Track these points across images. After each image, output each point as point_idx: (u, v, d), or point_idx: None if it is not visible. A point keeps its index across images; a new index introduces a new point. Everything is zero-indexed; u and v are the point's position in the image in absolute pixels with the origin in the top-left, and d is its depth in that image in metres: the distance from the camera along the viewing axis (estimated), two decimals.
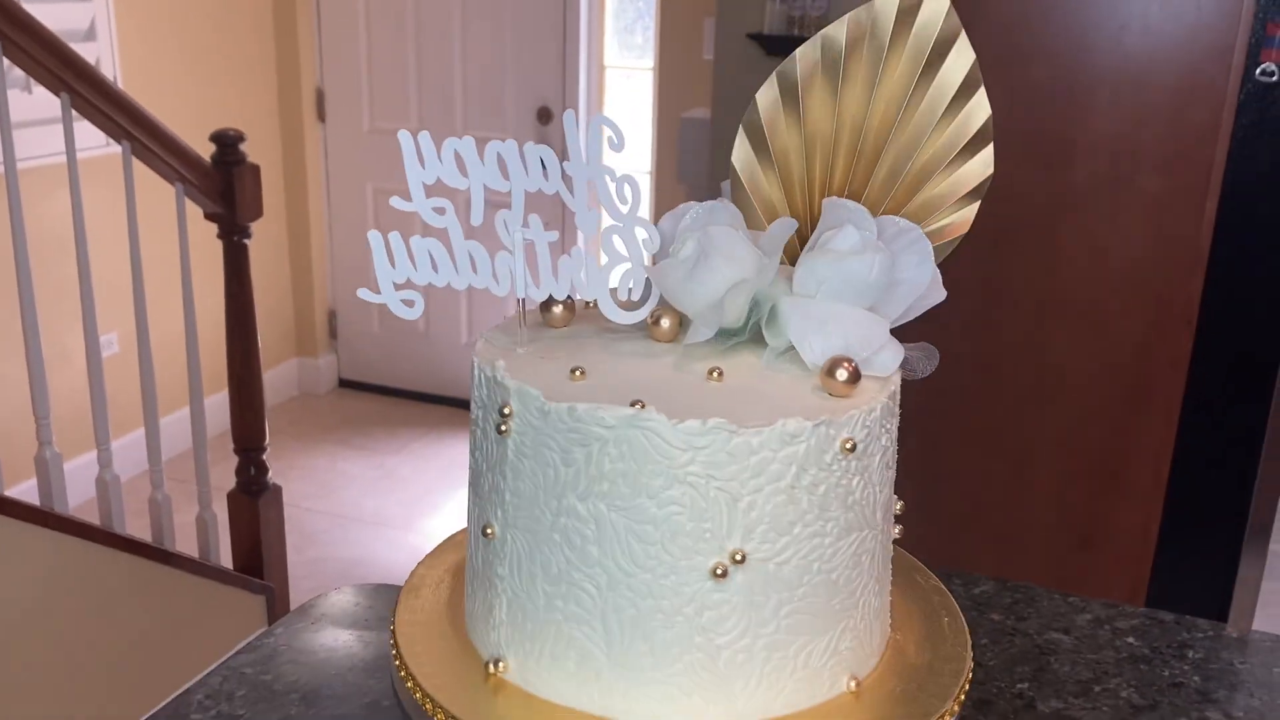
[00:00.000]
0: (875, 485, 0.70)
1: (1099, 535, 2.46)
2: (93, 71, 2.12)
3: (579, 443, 0.62)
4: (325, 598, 1.10)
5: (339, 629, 1.07)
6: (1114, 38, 2.18)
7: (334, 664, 1.01)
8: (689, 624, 0.63)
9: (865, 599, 0.71)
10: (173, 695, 0.83)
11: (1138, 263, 2.28)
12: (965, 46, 0.83)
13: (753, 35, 2.24)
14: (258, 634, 0.93)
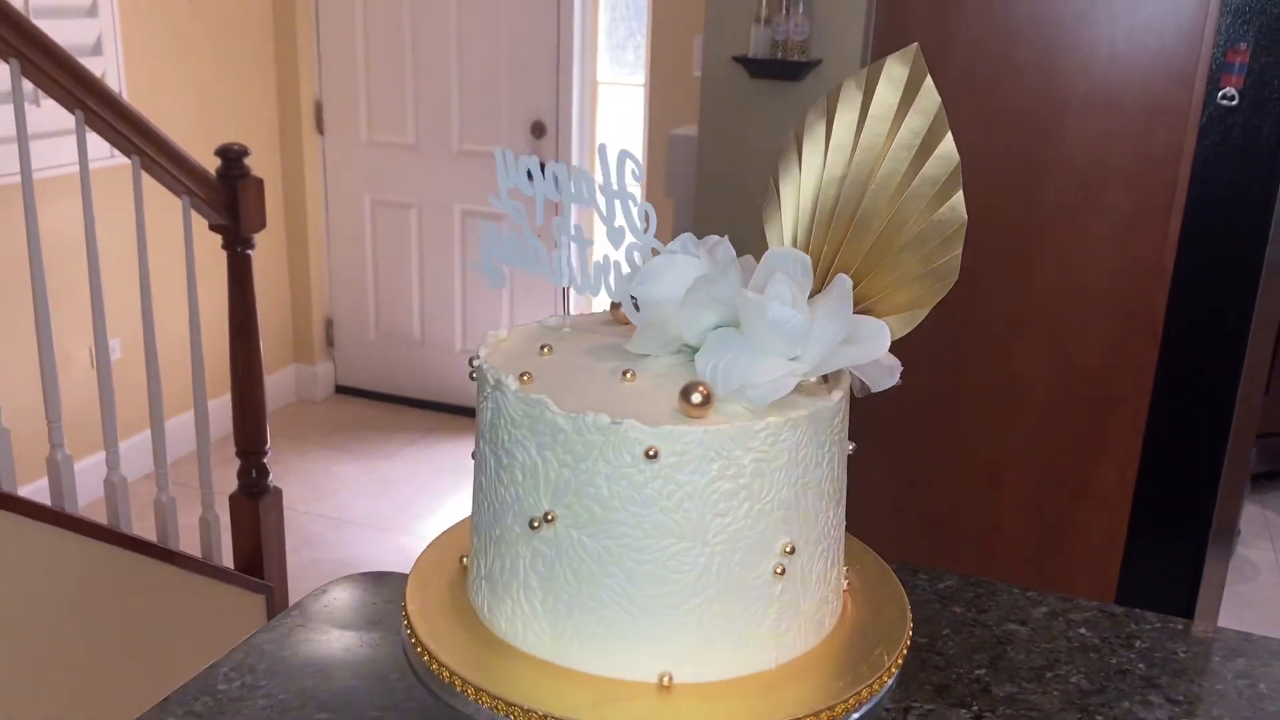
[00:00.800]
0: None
1: (1070, 539, 2.56)
2: (105, 89, 2.21)
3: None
4: (335, 584, 1.20)
5: (349, 613, 1.16)
6: (1081, 64, 2.29)
7: (346, 640, 1.11)
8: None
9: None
10: (203, 668, 0.92)
11: (1105, 277, 2.38)
12: (951, 145, 0.85)
13: (738, 58, 2.34)
14: (277, 616, 1.02)
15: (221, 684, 0.95)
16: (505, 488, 0.72)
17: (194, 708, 0.98)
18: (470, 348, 4.36)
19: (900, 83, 0.84)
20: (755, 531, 0.71)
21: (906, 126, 0.84)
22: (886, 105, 0.85)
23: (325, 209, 4.39)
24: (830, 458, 0.80)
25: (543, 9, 3.90)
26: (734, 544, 0.70)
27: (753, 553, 0.71)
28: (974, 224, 2.63)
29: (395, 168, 4.24)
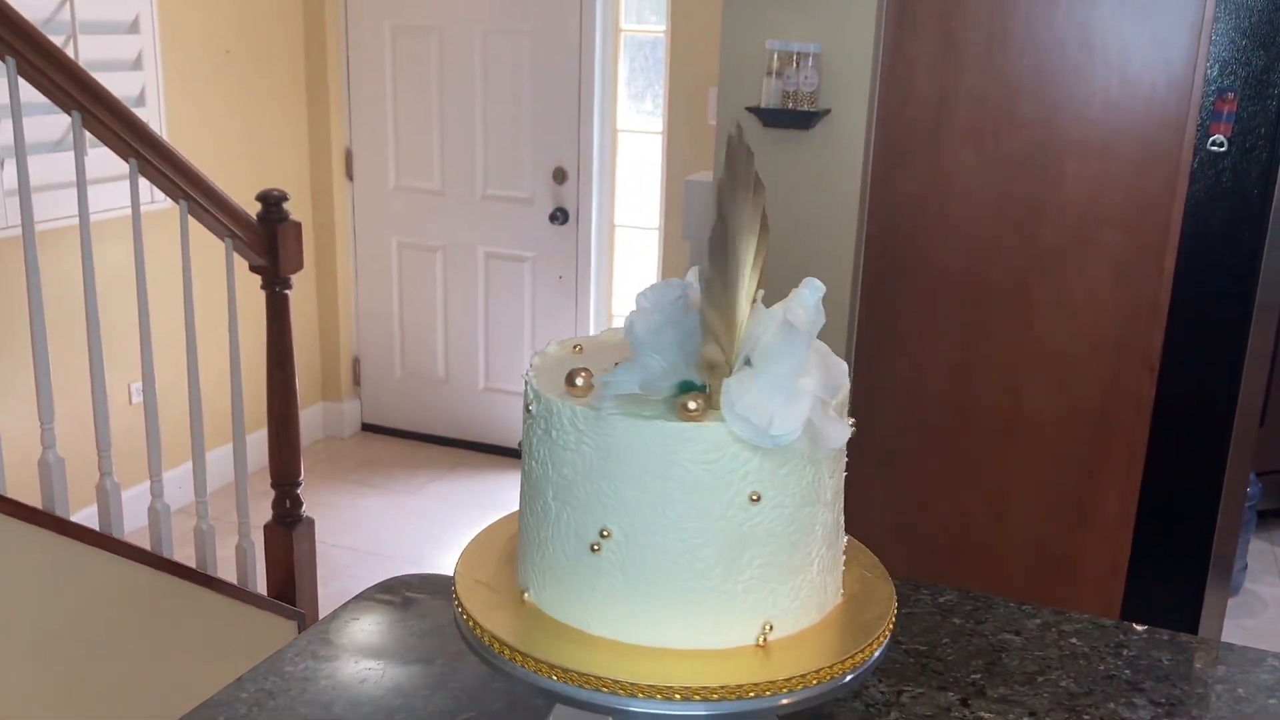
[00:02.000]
0: None
1: (1072, 569, 2.64)
2: (157, 139, 2.36)
3: None
4: (378, 587, 1.31)
5: (396, 609, 1.27)
6: (1078, 112, 2.41)
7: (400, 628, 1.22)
8: None
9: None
10: (273, 651, 1.03)
11: (1103, 314, 2.49)
12: None
13: (751, 108, 2.47)
14: (333, 610, 1.13)
15: (289, 665, 1.06)
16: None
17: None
18: (493, 385, 4.48)
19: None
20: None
21: None
22: None
23: (354, 252, 4.54)
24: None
25: (565, 60, 4.06)
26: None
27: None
28: (978, 265, 2.79)
29: (422, 212, 4.39)
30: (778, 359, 0.79)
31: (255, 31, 4.03)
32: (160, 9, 3.58)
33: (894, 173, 2.54)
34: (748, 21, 2.48)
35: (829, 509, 0.86)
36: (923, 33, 2.46)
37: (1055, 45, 2.39)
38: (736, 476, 0.79)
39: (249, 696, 1.11)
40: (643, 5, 4.15)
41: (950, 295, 2.58)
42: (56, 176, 3.17)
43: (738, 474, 0.79)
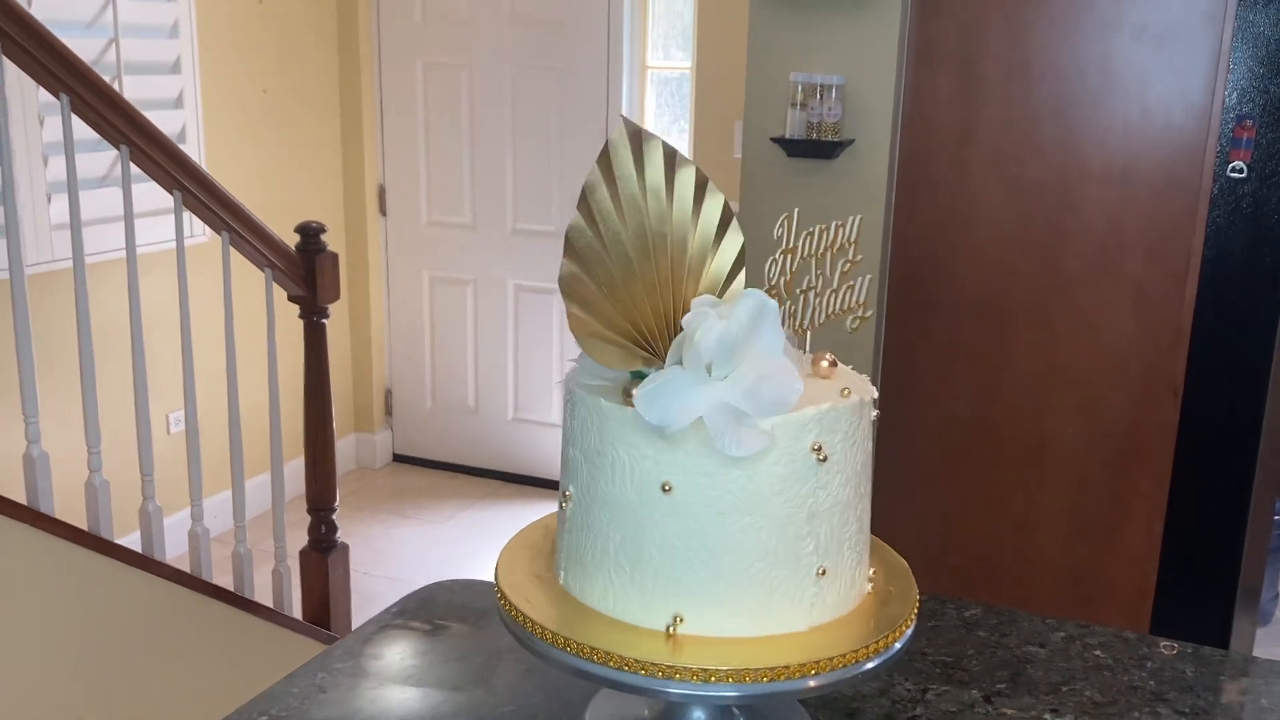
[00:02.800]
0: None
1: (1099, 593, 2.65)
2: (201, 172, 2.44)
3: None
4: (422, 591, 1.35)
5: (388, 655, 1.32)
6: (1099, 139, 2.45)
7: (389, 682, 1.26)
8: None
9: None
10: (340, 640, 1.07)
11: (1126, 339, 2.51)
12: (717, 194, 0.95)
13: (776, 139, 2.53)
14: (398, 600, 1.18)
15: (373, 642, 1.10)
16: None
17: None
18: (522, 416, 4.54)
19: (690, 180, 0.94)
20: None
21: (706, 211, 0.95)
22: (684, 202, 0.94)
23: (386, 285, 4.62)
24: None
25: (592, 97, 4.15)
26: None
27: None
28: (1001, 290, 2.83)
29: (453, 246, 4.48)
30: (691, 360, 0.85)
31: (291, 71, 4.14)
32: (201, 50, 3.70)
33: (917, 201, 2.59)
34: (772, 54, 2.55)
35: (779, 522, 0.87)
36: (944, 64, 2.51)
37: (1075, 75, 2.44)
38: (649, 463, 0.85)
39: (300, 692, 1.16)
40: (669, 42, 4.24)
41: (974, 321, 2.61)
42: (100, 212, 3.27)
43: (650, 461, 0.85)
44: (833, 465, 0.88)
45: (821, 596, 0.89)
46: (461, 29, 4.28)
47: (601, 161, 0.94)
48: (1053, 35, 2.43)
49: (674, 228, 0.92)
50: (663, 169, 0.93)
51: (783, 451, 0.85)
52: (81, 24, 3.28)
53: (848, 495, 0.91)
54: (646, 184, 0.93)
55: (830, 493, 0.89)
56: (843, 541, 0.91)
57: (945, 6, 2.48)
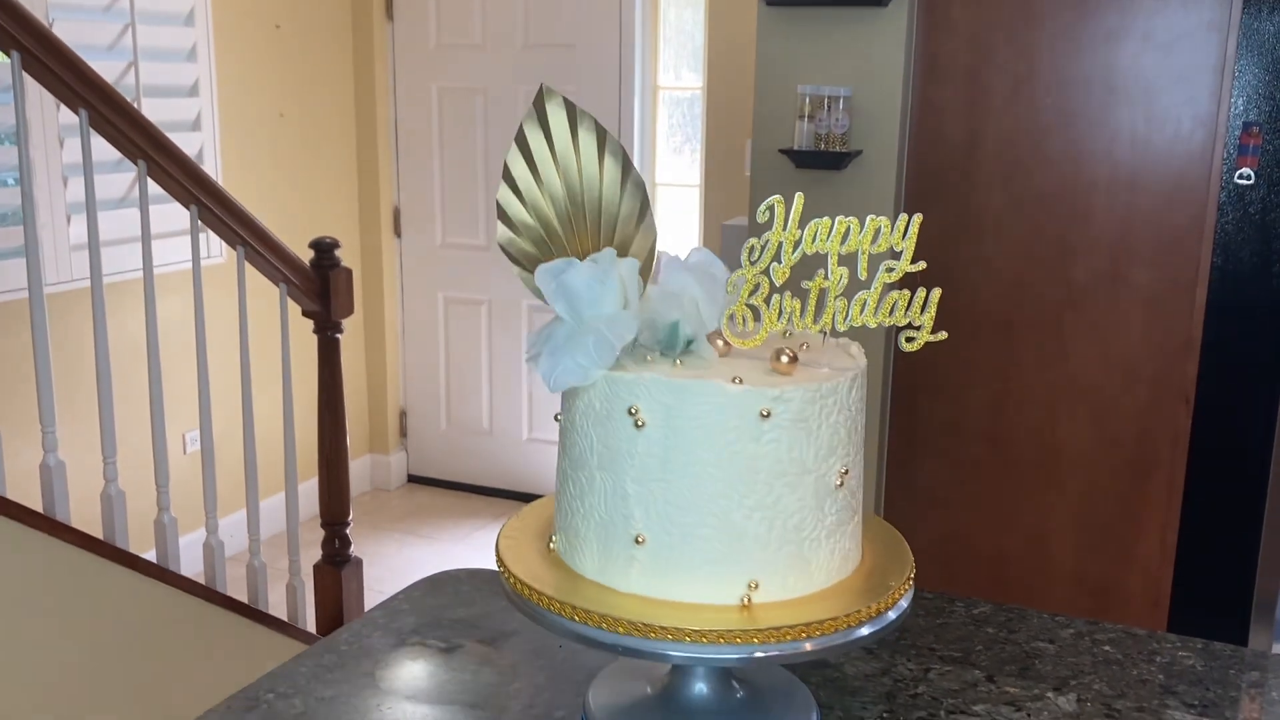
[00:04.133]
0: None
1: (1113, 604, 2.64)
2: (216, 187, 2.47)
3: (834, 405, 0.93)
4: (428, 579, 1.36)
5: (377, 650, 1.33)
6: (1106, 149, 2.47)
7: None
8: None
9: None
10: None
11: (1137, 348, 2.51)
12: (614, 144, 1.05)
13: (784, 150, 2.55)
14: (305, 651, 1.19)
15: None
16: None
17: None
18: (536, 436, 4.55)
19: (592, 133, 1.05)
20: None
21: (608, 166, 1.04)
22: (589, 150, 1.04)
23: (401, 306, 4.65)
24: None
25: (605, 118, 4.17)
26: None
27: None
28: (1011, 301, 2.84)
29: (467, 267, 4.51)
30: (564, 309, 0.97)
31: (308, 95, 4.20)
32: (219, 74, 3.75)
33: (925, 211, 2.58)
34: (780, 67, 2.57)
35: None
36: (951, 75, 2.53)
37: (1081, 86, 2.45)
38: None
39: (307, 671, 1.17)
40: (680, 63, 4.28)
41: (985, 332, 2.62)
42: (119, 232, 3.31)
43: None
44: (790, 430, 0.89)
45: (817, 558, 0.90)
46: (475, 53, 4.34)
47: (518, 135, 1.02)
48: (1058, 46, 2.45)
49: (585, 189, 1.01)
50: (567, 129, 1.03)
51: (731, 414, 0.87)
52: (102, 47, 3.34)
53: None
54: (555, 148, 1.02)
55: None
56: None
57: (951, 19, 2.50)
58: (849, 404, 0.93)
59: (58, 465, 2.21)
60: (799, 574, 0.88)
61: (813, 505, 0.89)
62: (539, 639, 1.21)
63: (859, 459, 0.96)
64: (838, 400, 0.91)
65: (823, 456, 0.90)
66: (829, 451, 0.90)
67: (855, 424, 0.94)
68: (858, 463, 0.96)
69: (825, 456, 0.90)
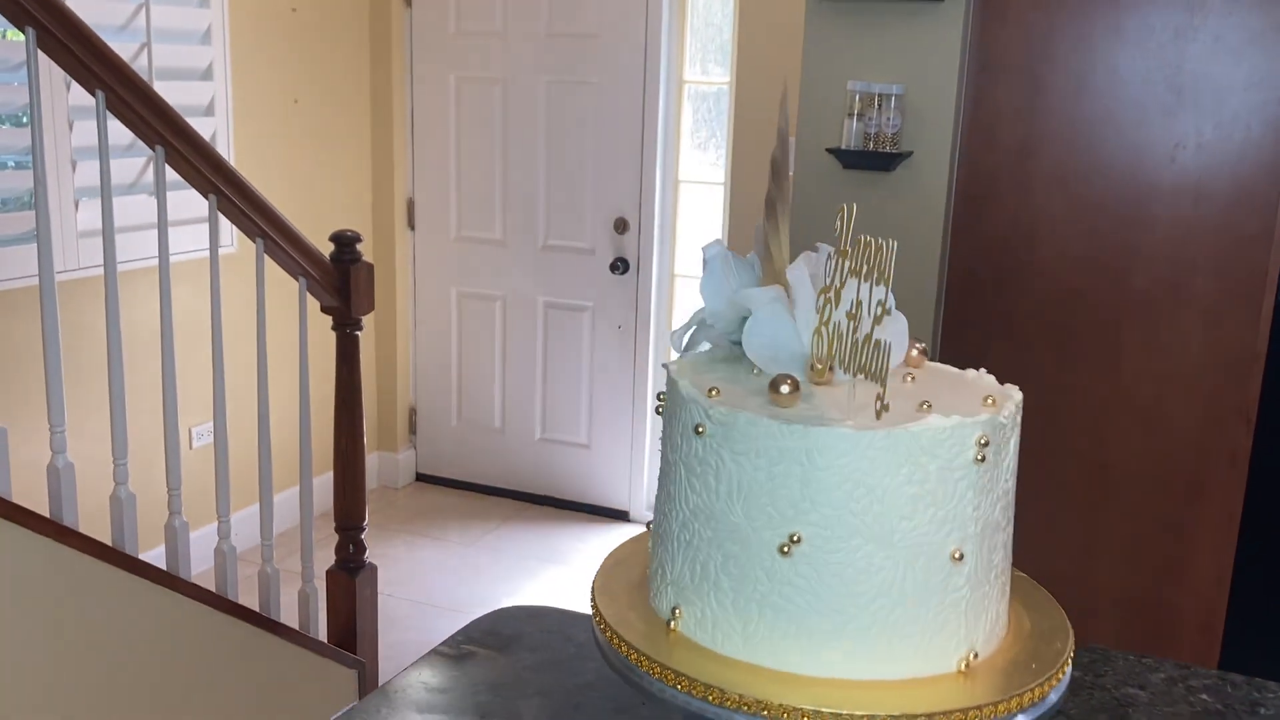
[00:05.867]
0: None
1: (1164, 628, 2.53)
2: (237, 176, 2.36)
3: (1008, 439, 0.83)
4: (418, 664, 1.25)
5: (433, 695, 1.22)
6: (1169, 155, 2.35)
7: None
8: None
9: None
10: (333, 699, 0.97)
11: (1195, 362, 2.40)
12: None
13: (831, 150, 2.44)
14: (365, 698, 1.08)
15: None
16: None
17: None
18: (549, 436, 4.43)
19: None
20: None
21: None
22: None
23: (414, 301, 4.54)
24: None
25: (628, 112, 4.07)
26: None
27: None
28: (1064, 310, 2.71)
29: (482, 262, 4.39)
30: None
31: (323, 81, 4.08)
32: (233, 57, 3.64)
33: (978, 216, 2.49)
34: (829, 62, 2.46)
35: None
36: (1007, 75, 2.42)
37: (1145, 87, 2.34)
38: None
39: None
40: (707, 57, 4.16)
41: (1035, 341, 2.51)
42: (130, 219, 3.20)
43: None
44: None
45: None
46: (495, 41, 4.22)
47: None
48: (1122, 45, 2.34)
49: None
50: None
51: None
52: (114, 28, 3.22)
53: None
54: None
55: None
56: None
57: (1010, 13, 2.39)
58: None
59: (66, 467, 2.10)
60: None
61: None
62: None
63: None
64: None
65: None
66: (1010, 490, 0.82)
67: None
68: None
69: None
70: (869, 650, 0.75)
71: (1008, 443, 0.81)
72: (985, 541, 0.80)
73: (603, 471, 4.38)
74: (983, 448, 0.76)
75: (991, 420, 0.78)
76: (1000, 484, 0.81)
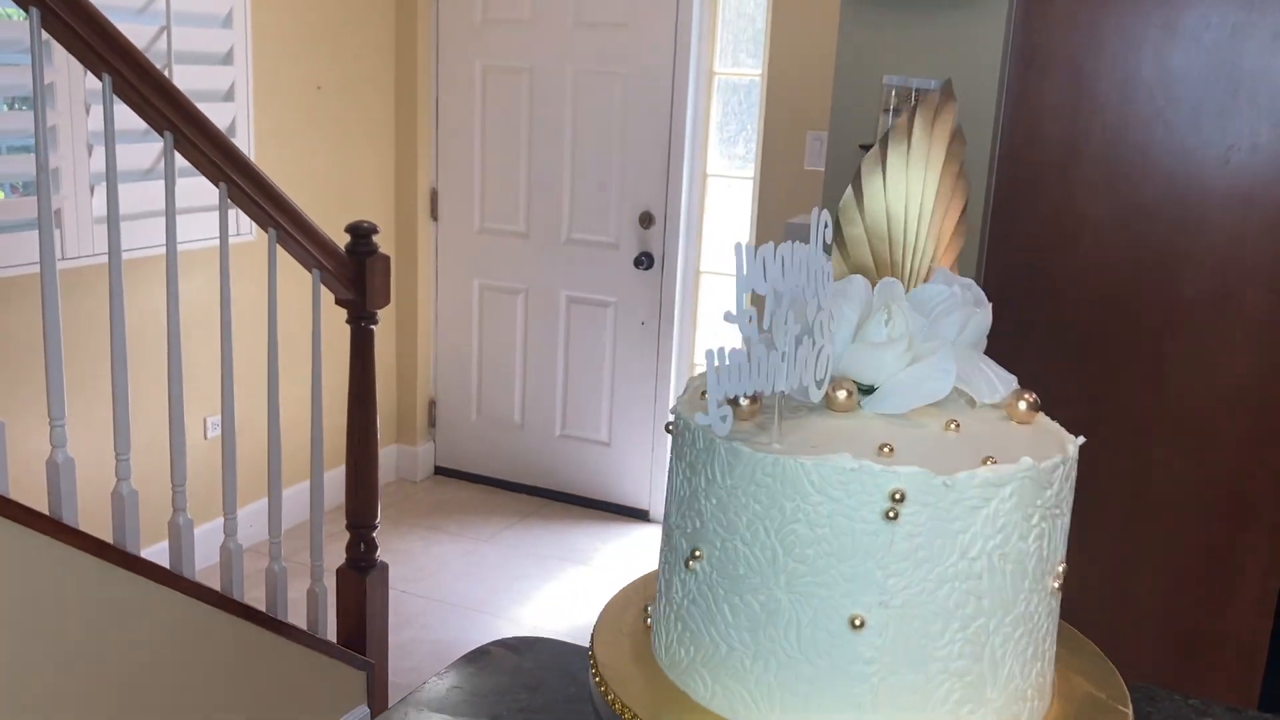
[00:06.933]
0: None
1: (1204, 649, 2.42)
2: (249, 164, 2.29)
3: (977, 505, 0.71)
4: (442, 675, 1.17)
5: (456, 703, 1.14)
6: (1221, 157, 2.24)
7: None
8: (1041, 639, 0.80)
9: None
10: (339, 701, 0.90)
11: (1245, 377, 2.29)
12: (961, 140, 1.00)
13: (865, 146, 2.34)
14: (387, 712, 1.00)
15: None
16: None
17: None
18: (569, 432, 4.36)
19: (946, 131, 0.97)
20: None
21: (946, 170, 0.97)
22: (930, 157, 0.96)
23: (435, 293, 4.47)
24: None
25: (656, 103, 3.98)
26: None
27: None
28: (1106, 318, 2.58)
29: (505, 254, 4.32)
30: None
31: (347, 69, 4.01)
32: (255, 42, 3.57)
33: (1016, 217, 2.38)
34: (864, 56, 2.36)
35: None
36: (1052, 71, 2.31)
37: (1198, 86, 2.22)
38: None
39: None
40: (739, 48, 4.06)
41: (1075, 350, 2.40)
42: (144, 206, 3.14)
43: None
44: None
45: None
46: (522, 30, 4.13)
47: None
48: (1175, 40, 2.22)
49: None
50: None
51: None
52: (133, 10, 3.16)
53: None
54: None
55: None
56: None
57: (1055, 6, 2.28)
58: None
59: (66, 463, 2.03)
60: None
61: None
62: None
63: None
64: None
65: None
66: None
67: None
68: None
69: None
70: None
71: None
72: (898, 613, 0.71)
73: (623, 470, 4.30)
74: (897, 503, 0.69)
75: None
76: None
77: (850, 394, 0.82)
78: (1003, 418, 0.82)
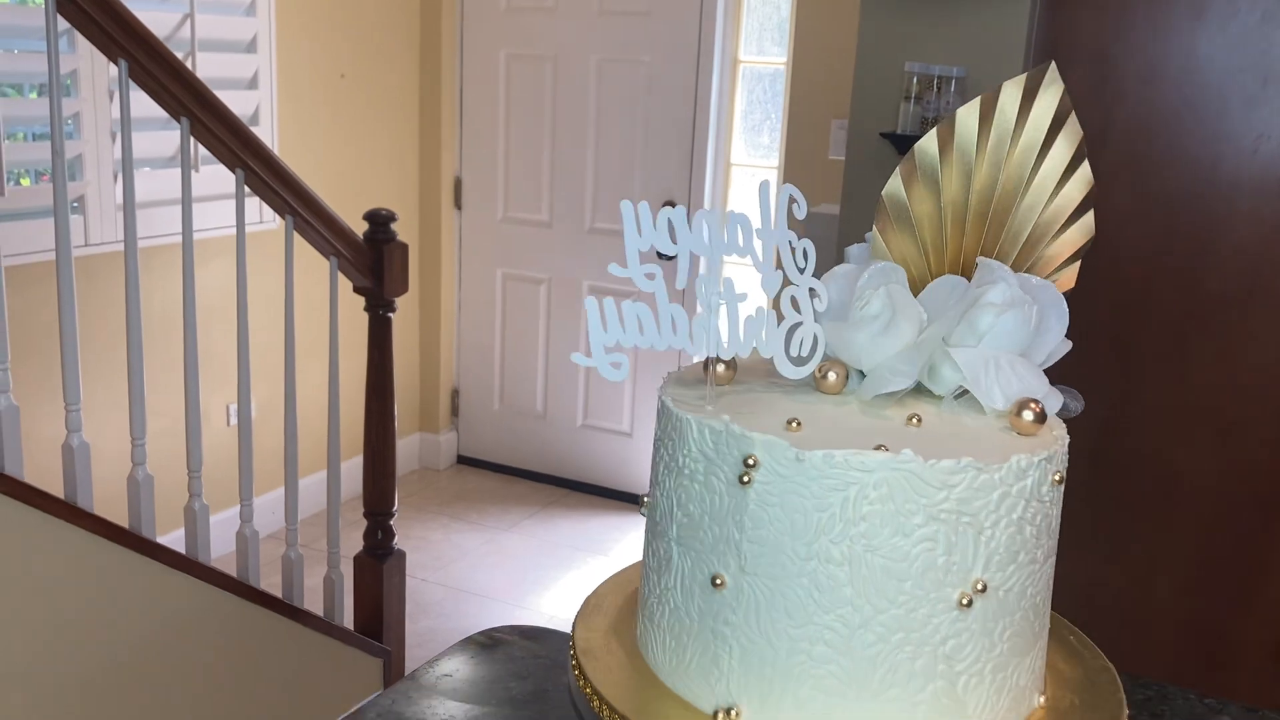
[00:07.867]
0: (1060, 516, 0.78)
1: (1227, 656, 2.38)
2: (265, 150, 2.29)
3: (835, 488, 0.67)
4: (449, 653, 1.16)
5: (463, 684, 1.13)
6: (1250, 146, 2.19)
7: (456, 712, 1.07)
8: (934, 653, 0.69)
9: (1048, 620, 0.79)
10: (355, 689, 0.89)
11: (1273, 371, 2.24)
12: (1074, 124, 0.95)
13: (886, 134, 2.31)
14: (390, 687, 0.99)
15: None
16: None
17: None
18: (591, 422, 4.35)
19: (1050, 110, 0.94)
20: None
21: (1055, 150, 0.93)
22: (1037, 129, 0.93)
23: (458, 282, 4.47)
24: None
25: (680, 92, 3.96)
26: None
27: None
28: (1131, 313, 2.53)
29: (528, 244, 4.31)
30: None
31: (370, 57, 4.01)
32: (279, 30, 3.58)
33: None
34: (885, 42, 2.32)
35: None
36: (1076, 56, 2.27)
37: (1227, 74, 2.18)
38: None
39: None
40: (764, 36, 4.02)
41: (1099, 345, 2.36)
42: (167, 193, 3.15)
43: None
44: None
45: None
46: (546, 18, 4.12)
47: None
48: (1203, 28, 2.17)
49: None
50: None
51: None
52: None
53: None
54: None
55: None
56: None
57: None
58: None
59: (81, 447, 2.04)
60: None
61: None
62: None
63: None
64: None
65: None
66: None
67: None
68: None
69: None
70: None
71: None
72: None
73: (645, 460, 4.28)
74: None
75: None
76: None
77: (837, 376, 0.80)
78: (1004, 427, 0.79)
